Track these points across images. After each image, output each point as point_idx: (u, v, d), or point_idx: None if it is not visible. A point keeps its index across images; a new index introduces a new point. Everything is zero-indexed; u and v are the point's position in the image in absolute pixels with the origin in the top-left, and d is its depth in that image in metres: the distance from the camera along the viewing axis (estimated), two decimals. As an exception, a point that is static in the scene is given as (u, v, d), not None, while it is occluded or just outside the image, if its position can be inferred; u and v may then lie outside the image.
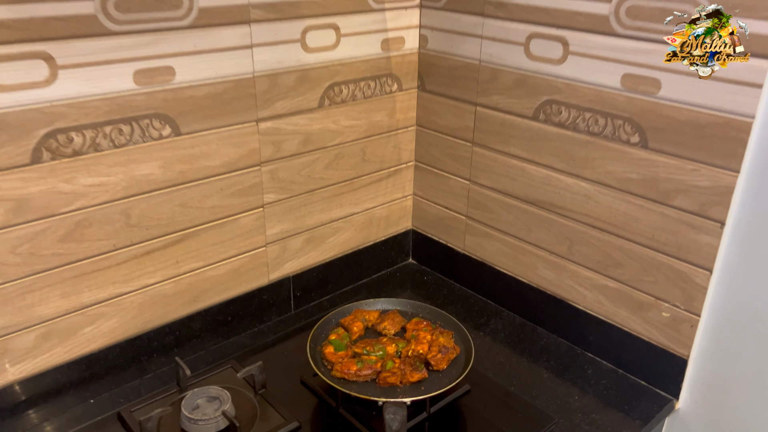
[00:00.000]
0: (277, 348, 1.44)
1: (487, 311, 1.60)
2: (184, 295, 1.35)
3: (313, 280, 1.57)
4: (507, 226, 1.52)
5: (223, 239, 1.34)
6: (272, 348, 1.44)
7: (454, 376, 1.32)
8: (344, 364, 1.29)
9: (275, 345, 1.45)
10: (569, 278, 1.45)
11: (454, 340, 1.40)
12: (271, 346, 1.45)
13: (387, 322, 1.44)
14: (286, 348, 1.44)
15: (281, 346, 1.45)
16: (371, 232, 1.68)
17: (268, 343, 1.45)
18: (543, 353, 1.45)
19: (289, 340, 1.48)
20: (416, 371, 1.29)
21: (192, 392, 1.33)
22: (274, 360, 1.38)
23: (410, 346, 1.35)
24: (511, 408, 1.28)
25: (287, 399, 1.26)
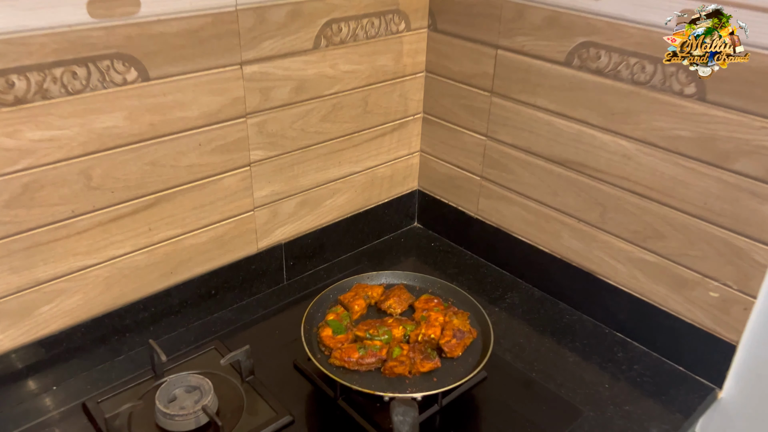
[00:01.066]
0: (268, 324, 1.32)
1: (503, 283, 1.42)
2: (159, 266, 1.17)
3: (308, 248, 1.45)
4: (529, 188, 1.35)
5: (203, 203, 1.21)
6: (262, 324, 1.32)
7: (470, 365, 1.15)
8: (344, 351, 1.11)
9: (265, 321, 1.33)
10: (600, 249, 1.26)
11: (470, 322, 1.21)
12: (260, 322, 1.32)
13: (392, 300, 1.25)
14: (278, 325, 1.32)
15: (272, 323, 1.33)
16: (373, 194, 1.54)
17: (257, 319, 1.33)
18: (567, 332, 1.34)
19: (281, 316, 1.36)
20: (428, 360, 1.11)
21: (169, 380, 1.15)
22: (264, 340, 1.27)
23: (420, 329, 1.17)
24: (533, 398, 1.17)
25: (278, 387, 1.15)
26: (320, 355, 1.16)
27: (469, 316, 1.24)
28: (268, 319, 1.32)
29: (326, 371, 1.10)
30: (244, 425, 1.11)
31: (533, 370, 1.22)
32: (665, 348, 1.25)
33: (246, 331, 1.28)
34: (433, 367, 1.13)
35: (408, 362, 1.12)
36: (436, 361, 1.13)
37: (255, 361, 1.11)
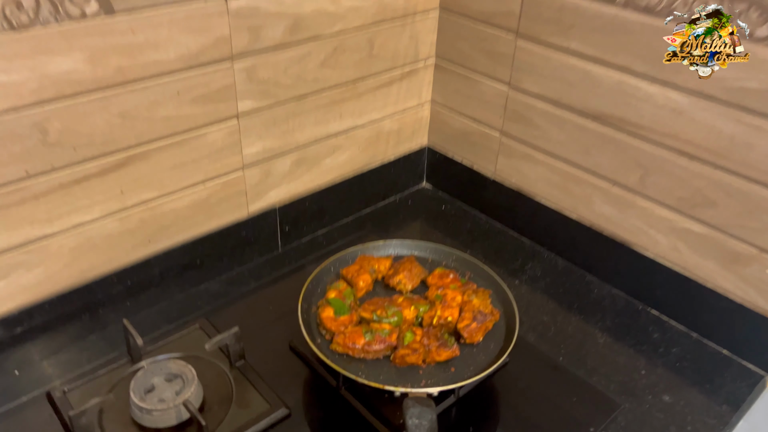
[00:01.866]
0: (261, 298, 1.20)
1: (523, 252, 1.28)
2: (135, 234, 1.03)
3: (306, 212, 1.33)
4: (557, 146, 1.25)
5: (184, 161, 1.09)
6: (254, 298, 1.20)
7: (492, 353, 1.00)
8: (348, 336, 0.96)
9: (258, 294, 1.21)
10: (637, 217, 1.12)
11: (491, 301, 1.05)
12: (252, 296, 1.21)
13: (402, 275, 1.09)
14: (272, 298, 1.20)
15: (265, 296, 1.21)
16: (378, 151, 1.41)
17: (249, 292, 1.22)
18: (595, 309, 1.22)
19: (275, 288, 1.23)
20: (444, 348, 0.96)
21: (146, 367, 1.00)
22: (256, 317, 1.15)
23: (435, 310, 1.01)
24: (561, 387, 1.05)
25: (273, 374, 1.03)
26: (320, 340, 1.00)
27: (490, 294, 1.08)
28: (261, 292, 1.21)
29: (327, 360, 0.95)
30: (233, 420, 0.97)
31: (560, 353, 1.11)
32: (708, 329, 1.11)
33: (235, 305, 1.17)
34: (450, 356, 0.98)
35: (422, 350, 0.97)
36: (454, 349, 0.98)
37: (246, 342, 0.99)
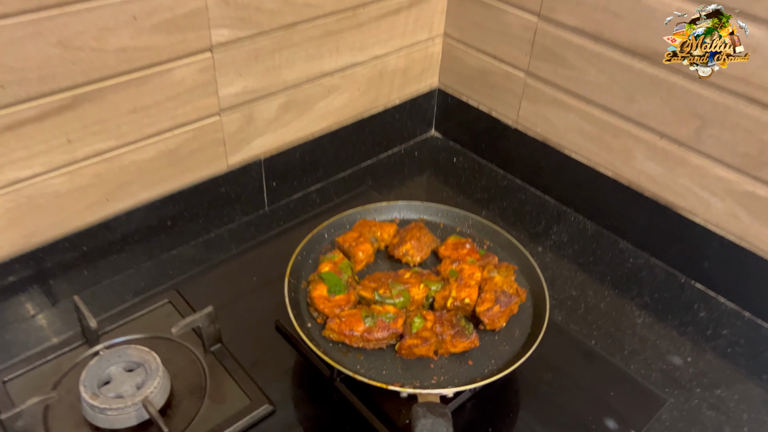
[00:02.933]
0: (242, 266, 1.06)
1: (546, 213, 1.13)
2: (88, 192, 0.91)
3: (296, 165, 1.18)
4: (594, 90, 1.09)
5: (146, 104, 0.92)
6: (234, 265, 1.06)
7: (517, 341, 0.83)
8: (345, 321, 0.79)
9: (239, 261, 1.07)
10: (688, 176, 1.04)
11: (515, 277, 0.88)
12: (232, 263, 1.06)
13: (409, 244, 0.91)
14: (256, 267, 1.05)
15: (248, 264, 1.06)
16: (381, 93, 1.24)
17: (229, 259, 1.08)
18: (632, 282, 1.09)
19: (260, 254, 1.09)
20: (461, 337, 0.79)
21: (102, 352, 0.83)
22: (237, 288, 1.01)
23: (449, 289, 0.84)
24: (595, 377, 0.92)
25: (255, 361, 0.89)
26: (311, 324, 0.83)
27: (515, 270, 0.90)
28: (244, 260, 1.08)
29: (318, 351, 0.78)
30: (206, 418, 0.81)
31: (591, 335, 0.99)
32: (764, 308, 0.94)
33: (213, 274, 1.04)
34: (468, 347, 0.81)
35: (433, 340, 0.79)
36: (473, 339, 0.81)
37: (224, 321, 0.88)
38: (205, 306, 0.84)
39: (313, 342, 0.81)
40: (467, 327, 0.83)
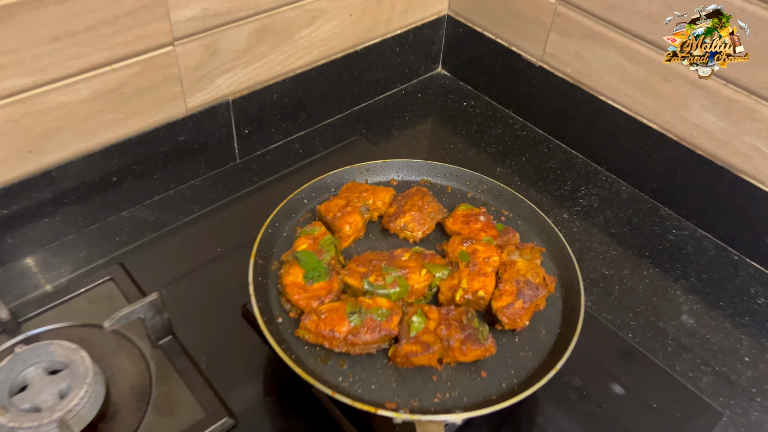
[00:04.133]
0: (205, 233, 0.90)
1: (574, 171, 0.99)
2: (3, 142, 0.76)
3: (273, 108, 1.00)
4: (643, 21, 0.90)
5: (71, 29, 0.73)
6: (195, 231, 0.90)
7: (544, 345, 0.67)
8: (324, 318, 0.62)
9: (201, 225, 0.91)
10: (756, 133, 0.86)
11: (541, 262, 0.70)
12: (193, 229, 0.90)
13: (409, 216, 0.73)
14: (223, 233, 0.89)
15: (213, 229, 0.90)
16: (377, 21, 1.06)
17: (189, 223, 0.91)
18: (676, 259, 0.93)
19: (228, 216, 0.93)
20: (473, 343, 0.62)
21: (19, 351, 0.66)
22: (197, 262, 0.85)
23: (458, 277, 0.66)
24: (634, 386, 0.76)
25: (214, 360, 0.74)
26: (283, 319, 0.66)
27: (542, 253, 0.71)
28: (207, 223, 0.92)
29: (287, 359, 0.60)
30: (149, 435, 0.63)
31: (628, 326, 0.84)
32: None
33: (169, 242, 0.88)
34: (482, 356, 0.63)
35: (438, 346, 0.62)
36: (488, 346, 0.63)
37: (180, 303, 0.76)
38: (155, 285, 0.67)
39: (282, 345, 0.63)
40: (481, 330, 0.64)
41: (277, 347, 0.63)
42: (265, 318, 0.65)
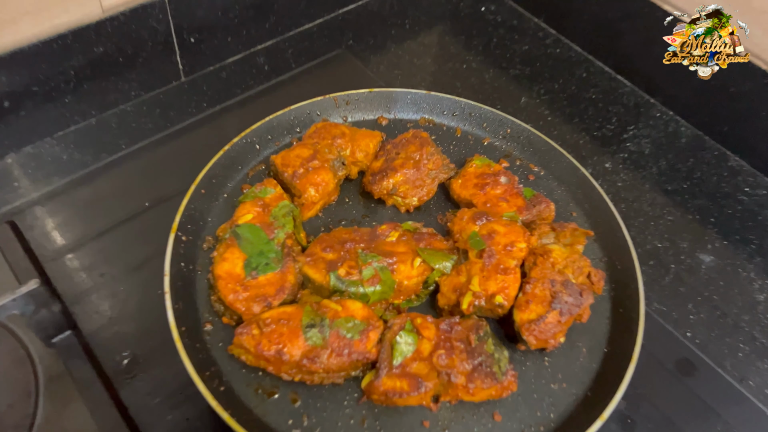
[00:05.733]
0: (132, 178, 0.70)
1: (620, 105, 0.86)
2: None
3: (229, 7, 0.79)
4: None
5: None
6: (119, 175, 0.70)
7: (583, 377, 0.46)
8: (271, 333, 0.43)
9: (129, 166, 0.71)
10: None
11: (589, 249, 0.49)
12: (115, 171, 0.70)
13: (401, 175, 0.52)
14: (153, 182, 0.69)
15: (144, 173, 0.71)
16: None
17: (111, 166, 0.71)
18: (748, 226, 0.73)
19: (165, 155, 0.72)
20: (485, 379, 0.43)
21: None
22: (117, 218, 0.66)
23: (467, 274, 0.46)
24: (695, 408, 0.57)
25: (128, 361, 0.55)
26: (213, 327, 0.46)
27: (591, 237, 0.50)
28: (134, 164, 0.72)
29: (210, 396, 0.41)
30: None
31: (687, 322, 0.64)
32: None
33: (80, 192, 0.69)
34: (498, 395, 0.43)
35: (435, 381, 0.42)
36: (507, 383, 0.44)
37: (89, 282, 0.57)
38: (57, 250, 0.46)
39: (206, 370, 0.44)
40: (498, 358, 0.44)
41: (195, 375, 0.43)
42: (185, 327, 0.45)
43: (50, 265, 0.59)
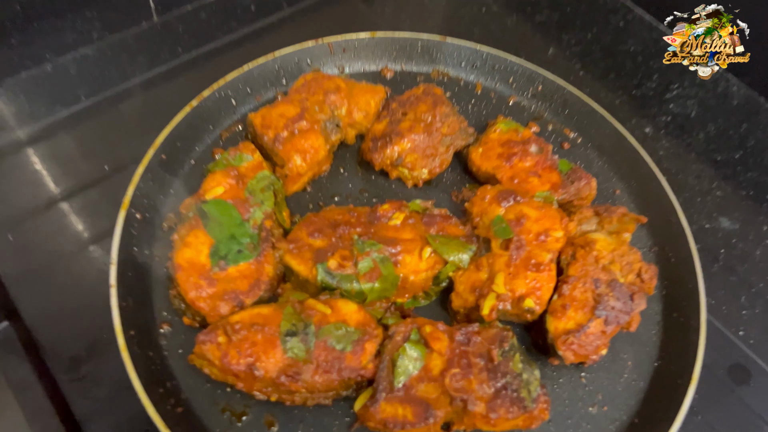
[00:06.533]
0: (88, 137, 0.61)
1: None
2: None
3: None
4: None
5: None
6: (74, 133, 0.61)
7: (628, 398, 0.39)
8: (240, 342, 0.34)
9: (86, 122, 0.61)
10: None
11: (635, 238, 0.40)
12: (71, 127, 0.61)
13: (408, 141, 0.42)
14: (114, 141, 0.60)
15: (99, 131, 0.61)
16: None
17: (65, 121, 0.61)
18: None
19: (126, 110, 0.63)
20: (511, 407, 0.34)
21: None
22: (66, 189, 0.57)
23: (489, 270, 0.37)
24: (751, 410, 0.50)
25: (72, 359, 0.46)
26: (172, 329, 0.36)
27: (643, 223, 0.41)
28: (94, 121, 0.62)
29: (163, 425, 0.32)
30: None
31: (740, 318, 0.57)
32: None
33: (23, 154, 0.60)
34: (525, 426, 0.34)
35: (446, 410, 0.33)
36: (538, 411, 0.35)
37: (32, 264, 0.49)
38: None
39: (158, 388, 0.35)
40: (526, 379, 0.35)
41: (143, 395, 0.34)
42: (135, 329, 0.36)
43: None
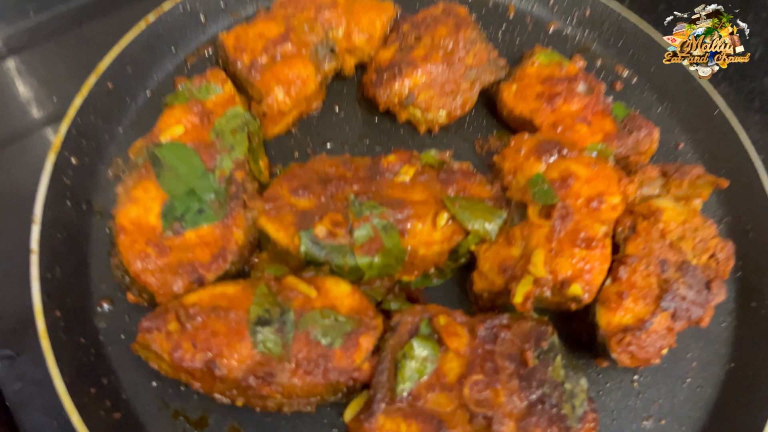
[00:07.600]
0: (38, 62, 0.53)
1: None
2: None
3: None
4: None
5: None
6: (24, 55, 0.53)
7: (691, 410, 0.31)
8: (197, 330, 0.23)
9: (38, 49, 0.54)
10: None
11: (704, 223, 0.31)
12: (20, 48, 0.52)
13: (422, 73, 0.32)
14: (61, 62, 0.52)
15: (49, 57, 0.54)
16: None
17: (13, 38, 0.53)
18: None
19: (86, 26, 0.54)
20: (550, 427, 0.23)
21: None
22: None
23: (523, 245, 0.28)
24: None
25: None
26: (115, 303, 0.27)
27: (723, 188, 0.32)
28: (44, 48, 0.54)
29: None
30: None
31: None
32: None
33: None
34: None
35: (467, 426, 0.24)
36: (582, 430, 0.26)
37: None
38: None
39: (90, 387, 0.28)
40: (569, 390, 0.27)
41: (66, 398, 0.26)
42: (62, 310, 0.28)
43: None
